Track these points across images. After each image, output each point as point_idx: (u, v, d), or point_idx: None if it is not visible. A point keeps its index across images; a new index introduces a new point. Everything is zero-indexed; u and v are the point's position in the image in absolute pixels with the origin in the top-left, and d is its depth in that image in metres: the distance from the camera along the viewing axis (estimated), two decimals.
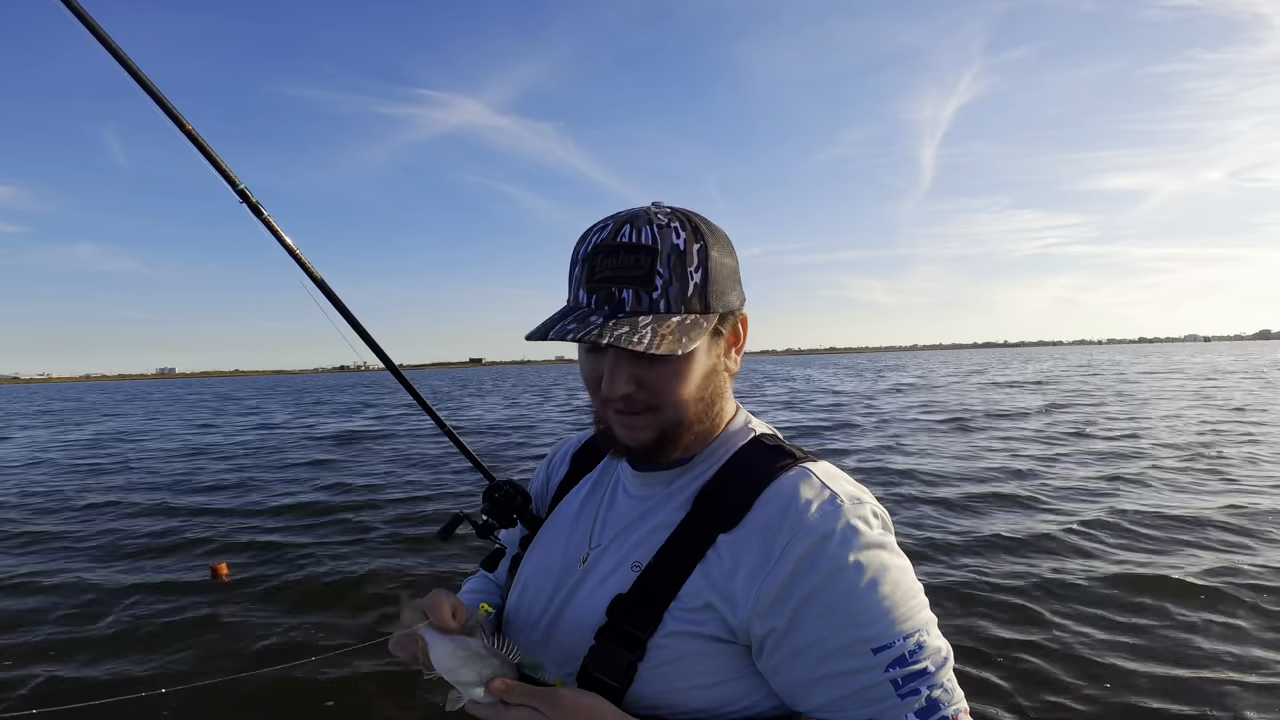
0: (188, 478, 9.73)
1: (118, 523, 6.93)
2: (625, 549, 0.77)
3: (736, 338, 0.79)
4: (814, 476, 0.72)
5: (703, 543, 0.71)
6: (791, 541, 0.67)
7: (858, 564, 0.66)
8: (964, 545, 5.07)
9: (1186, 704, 2.89)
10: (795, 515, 0.68)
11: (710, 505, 0.73)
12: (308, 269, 1.18)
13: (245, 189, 1.08)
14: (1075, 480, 7.30)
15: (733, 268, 0.76)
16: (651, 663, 0.70)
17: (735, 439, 0.80)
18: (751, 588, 0.67)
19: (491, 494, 0.96)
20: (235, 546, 5.87)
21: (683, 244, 0.70)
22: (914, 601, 0.68)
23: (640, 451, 0.76)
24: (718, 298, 0.72)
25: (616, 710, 0.68)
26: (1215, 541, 5.00)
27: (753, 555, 0.68)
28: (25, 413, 30.12)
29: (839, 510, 0.68)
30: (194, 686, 3.24)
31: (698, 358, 0.73)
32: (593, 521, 0.85)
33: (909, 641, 0.65)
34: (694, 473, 0.78)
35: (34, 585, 4.93)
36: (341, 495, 8.10)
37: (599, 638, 0.72)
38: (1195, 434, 10.44)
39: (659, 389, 0.72)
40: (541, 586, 0.84)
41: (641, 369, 0.71)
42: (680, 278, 0.69)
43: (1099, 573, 4.39)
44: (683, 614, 0.70)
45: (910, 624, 0.66)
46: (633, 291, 0.69)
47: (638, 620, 0.71)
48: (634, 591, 0.72)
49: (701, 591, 0.69)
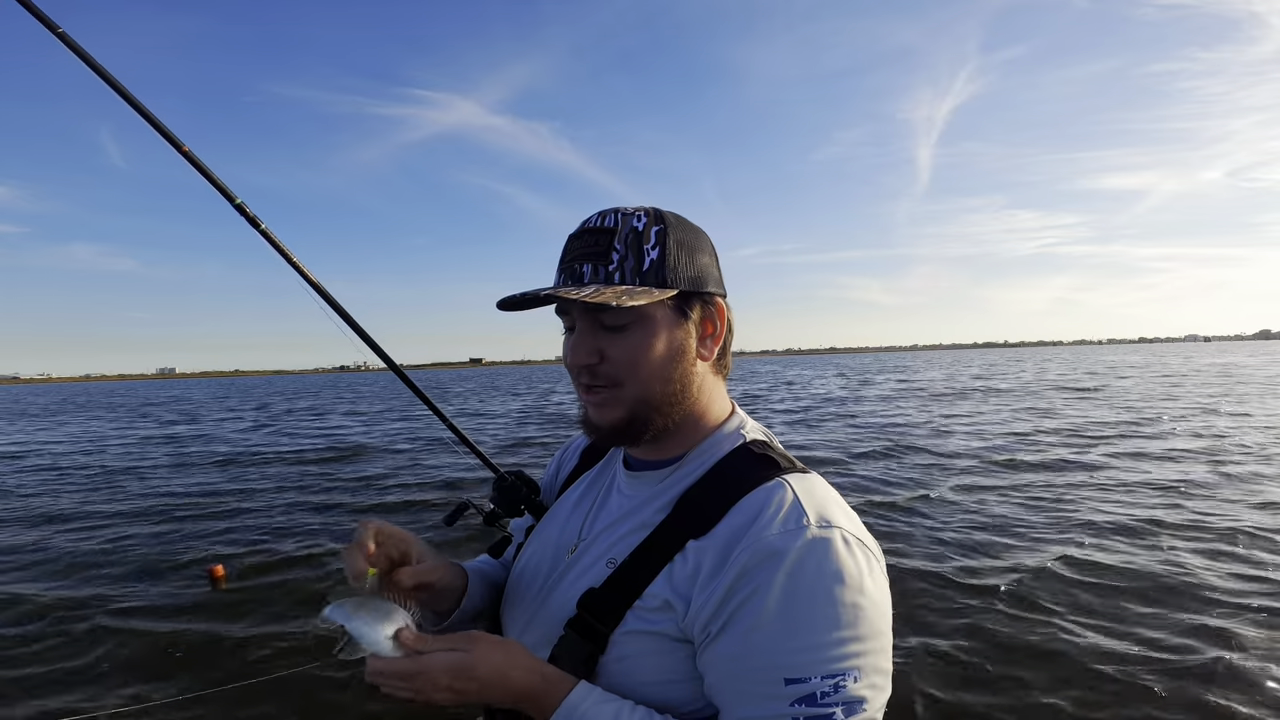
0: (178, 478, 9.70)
1: (121, 527, 6.88)
2: (607, 544, 0.79)
3: (712, 326, 0.79)
4: (789, 491, 0.71)
5: (673, 546, 0.72)
6: (742, 553, 0.67)
7: (797, 588, 0.64)
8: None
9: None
10: (757, 529, 0.68)
11: (688, 510, 0.74)
12: (307, 277, 1.22)
13: (242, 203, 1.13)
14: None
15: (698, 253, 0.78)
16: (611, 656, 0.72)
17: (724, 443, 0.80)
18: (702, 593, 0.68)
19: (499, 484, 0.99)
20: (233, 547, 5.80)
21: (641, 226, 0.74)
22: (853, 641, 0.64)
23: (610, 432, 0.77)
24: (676, 274, 0.74)
25: (529, 652, 0.71)
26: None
27: (711, 562, 0.69)
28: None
29: (800, 531, 0.66)
30: (194, 694, 3.20)
31: (656, 333, 0.74)
32: (586, 515, 0.87)
33: (826, 681, 0.62)
34: (680, 474, 0.79)
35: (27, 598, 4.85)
36: (343, 494, 8.11)
37: (567, 628, 0.75)
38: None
39: (618, 360, 0.74)
40: (535, 573, 0.87)
41: (603, 340, 0.74)
42: (636, 254, 0.73)
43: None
44: (643, 612, 0.71)
45: (836, 664, 0.63)
46: (591, 265, 0.74)
47: (602, 615, 0.73)
48: (604, 587, 0.74)
49: (661, 592, 0.71)
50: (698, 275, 0.77)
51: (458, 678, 0.65)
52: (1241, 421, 11.54)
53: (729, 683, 0.67)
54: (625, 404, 0.75)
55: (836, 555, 0.66)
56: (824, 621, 0.64)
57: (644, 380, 0.74)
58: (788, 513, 0.68)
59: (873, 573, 0.68)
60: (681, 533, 0.72)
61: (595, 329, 0.74)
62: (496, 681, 0.67)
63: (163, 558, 5.60)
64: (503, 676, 0.67)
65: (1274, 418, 11.94)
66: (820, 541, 0.66)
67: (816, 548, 0.66)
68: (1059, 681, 3.08)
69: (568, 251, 0.76)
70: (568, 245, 0.77)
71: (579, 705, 0.67)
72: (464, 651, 0.66)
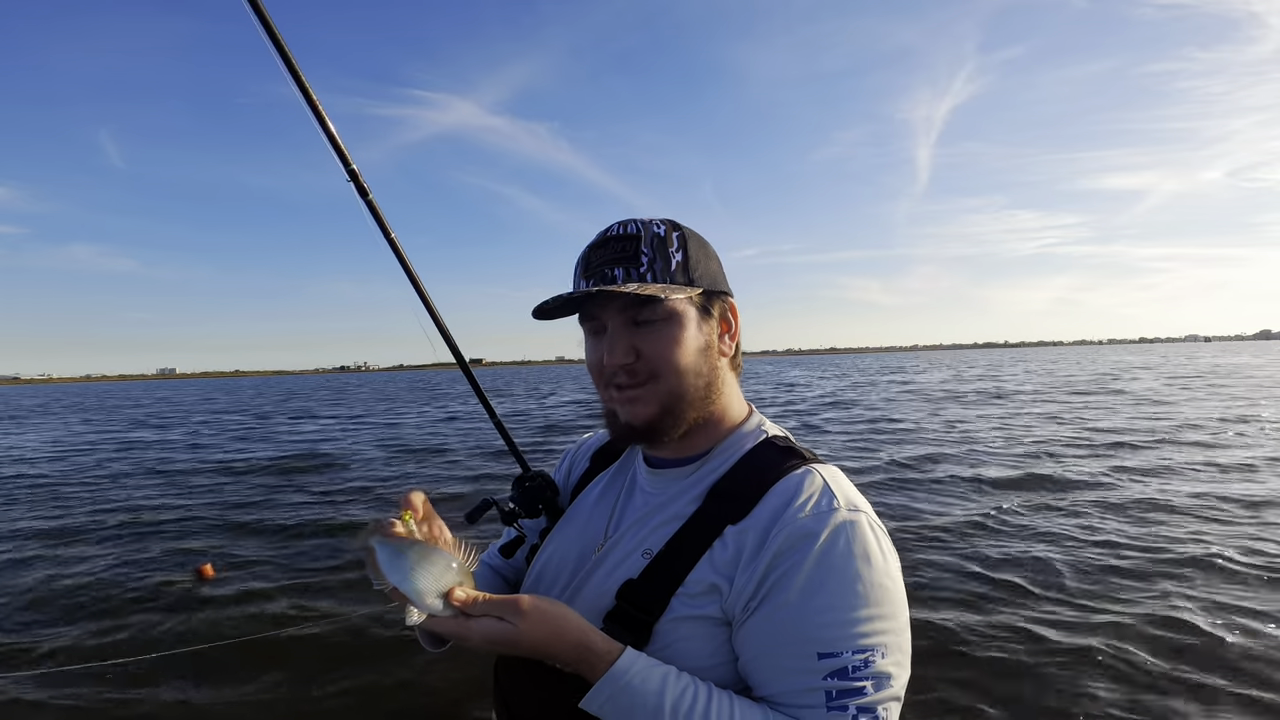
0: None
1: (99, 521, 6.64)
2: (639, 538, 0.80)
3: (728, 325, 0.83)
4: (819, 477, 0.75)
5: (711, 533, 0.74)
6: (779, 534, 0.70)
7: (831, 567, 0.68)
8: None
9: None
10: (792, 511, 0.71)
11: (721, 500, 0.76)
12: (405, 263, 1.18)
13: (356, 170, 1.08)
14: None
15: (713, 257, 0.83)
16: (655, 646, 0.72)
17: (747, 440, 0.83)
18: (743, 574, 0.71)
19: (522, 482, 0.98)
20: (227, 547, 5.66)
21: (663, 232, 0.78)
22: (880, 619, 0.67)
23: (643, 429, 0.79)
24: (700, 275, 0.79)
25: (579, 617, 0.70)
26: None
27: (751, 544, 0.71)
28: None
29: (833, 513, 0.70)
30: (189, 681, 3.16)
31: (687, 328, 0.77)
32: (609, 513, 0.88)
33: (856, 656, 0.65)
34: (706, 469, 0.81)
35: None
36: (340, 492, 7.95)
37: (607, 621, 0.75)
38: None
39: (654, 354, 0.76)
40: (558, 573, 0.86)
41: (638, 337, 0.77)
42: (663, 256, 0.77)
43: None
44: (688, 598, 0.72)
45: (865, 639, 0.66)
46: (623, 269, 0.77)
47: (645, 604, 0.73)
48: (643, 577, 0.75)
49: (706, 576, 0.72)
50: (715, 277, 0.81)
51: (500, 647, 0.66)
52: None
53: (763, 658, 0.69)
54: (659, 399, 0.77)
55: (865, 537, 0.70)
56: (854, 599, 0.67)
57: (679, 373, 0.77)
58: (820, 496, 0.72)
59: (894, 556, 0.72)
60: (718, 520, 0.75)
61: (628, 327, 0.77)
62: (540, 653, 0.67)
63: (150, 552, 5.38)
64: (547, 650, 0.67)
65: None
66: (850, 524, 0.70)
67: (847, 530, 0.69)
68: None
69: (591, 260, 0.79)
70: (590, 255, 0.79)
71: (627, 670, 0.67)
72: (509, 624, 0.65)
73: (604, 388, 0.81)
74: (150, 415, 23.12)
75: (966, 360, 76.48)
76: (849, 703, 0.65)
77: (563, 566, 0.87)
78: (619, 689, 0.66)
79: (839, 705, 0.65)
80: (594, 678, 0.67)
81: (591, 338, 0.81)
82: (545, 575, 0.88)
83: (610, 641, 0.69)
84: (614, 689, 0.66)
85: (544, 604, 0.68)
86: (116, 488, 8.66)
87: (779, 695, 0.68)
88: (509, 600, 0.67)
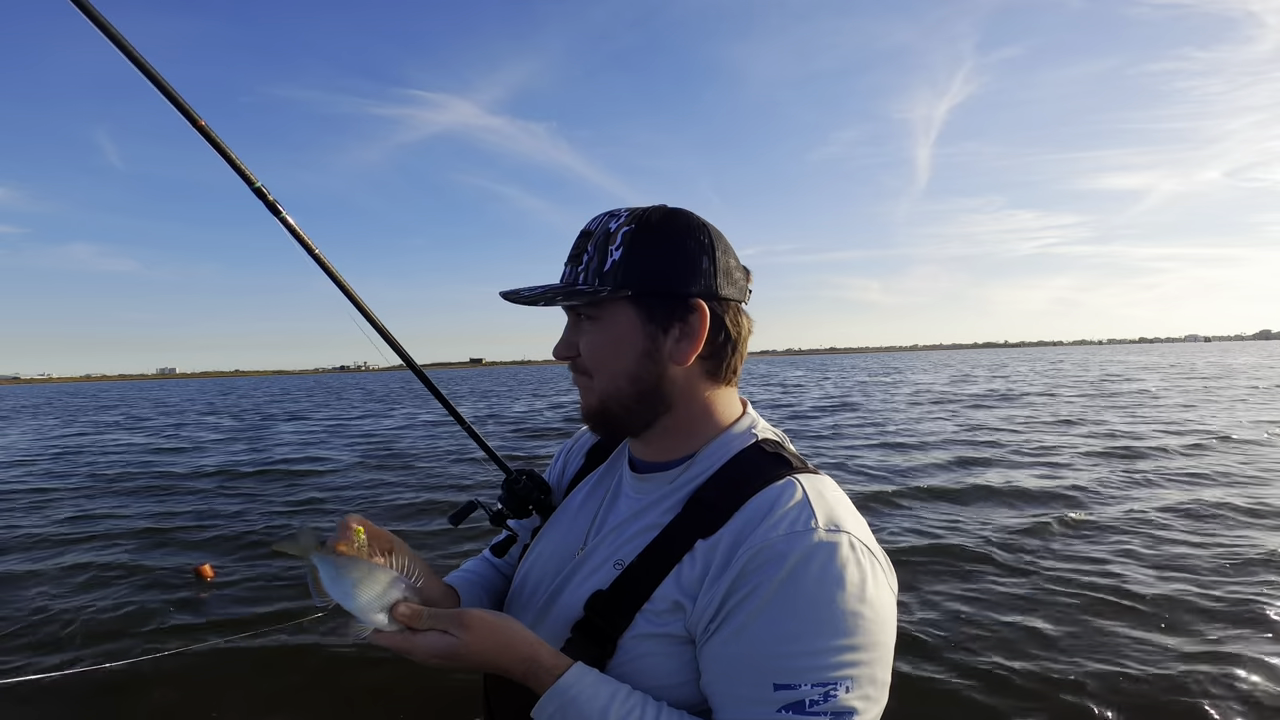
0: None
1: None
2: (614, 546, 0.78)
3: (688, 328, 0.75)
4: (799, 491, 0.70)
5: (682, 547, 0.71)
6: (745, 552, 0.66)
7: (797, 592, 0.63)
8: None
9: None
10: (764, 529, 0.67)
11: (698, 510, 0.73)
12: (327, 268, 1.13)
13: (262, 187, 1.03)
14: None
15: (677, 256, 0.75)
16: (620, 660, 0.71)
17: (735, 443, 0.79)
18: (706, 593, 0.68)
19: (511, 484, 0.97)
20: (222, 546, 5.67)
21: (615, 227, 0.76)
22: (849, 650, 0.62)
23: (589, 418, 0.81)
24: (642, 275, 0.74)
25: (527, 631, 0.70)
26: None
27: (717, 561, 0.68)
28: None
29: (808, 534, 0.65)
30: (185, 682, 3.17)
31: (618, 329, 0.76)
32: (593, 516, 0.86)
33: (816, 690, 0.61)
34: (690, 475, 0.78)
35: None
36: (333, 491, 7.97)
37: (574, 631, 0.74)
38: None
39: (586, 353, 0.78)
40: (542, 574, 0.86)
41: (580, 334, 0.79)
42: (601, 255, 0.75)
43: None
44: (653, 615, 0.70)
45: (829, 671, 0.62)
46: (570, 268, 0.78)
47: (611, 618, 0.72)
48: (612, 589, 0.74)
49: (671, 593, 0.70)
50: (667, 276, 0.74)
51: (446, 660, 0.66)
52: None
53: (719, 683, 0.66)
54: (598, 394, 0.78)
55: (841, 561, 0.64)
56: (820, 628, 0.62)
57: (609, 375, 0.77)
58: (796, 513, 0.67)
59: (877, 581, 0.66)
60: (690, 532, 0.72)
61: (578, 323, 0.80)
62: (488, 666, 0.67)
63: (148, 551, 5.33)
64: (494, 663, 0.67)
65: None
66: (826, 545, 0.65)
67: (820, 552, 0.64)
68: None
69: (571, 250, 0.81)
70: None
71: (572, 686, 0.66)
72: (453, 637, 0.65)
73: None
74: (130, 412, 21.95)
75: (971, 360, 73.16)
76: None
77: (545, 570, 0.86)
78: (565, 701, 0.66)
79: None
80: (540, 691, 0.67)
81: None
82: (530, 577, 0.88)
83: (559, 656, 0.69)
84: (560, 702, 0.66)
85: (490, 617, 0.68)
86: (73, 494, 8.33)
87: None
88: (454, 614, 0.67)
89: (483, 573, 1.04)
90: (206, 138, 1.00)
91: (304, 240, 1.11)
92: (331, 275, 1.14)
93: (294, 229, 1.09)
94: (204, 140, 1.00)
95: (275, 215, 1.07)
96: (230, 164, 1.02)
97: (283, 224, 1.08)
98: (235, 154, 1.01)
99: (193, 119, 0.97)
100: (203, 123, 0.97)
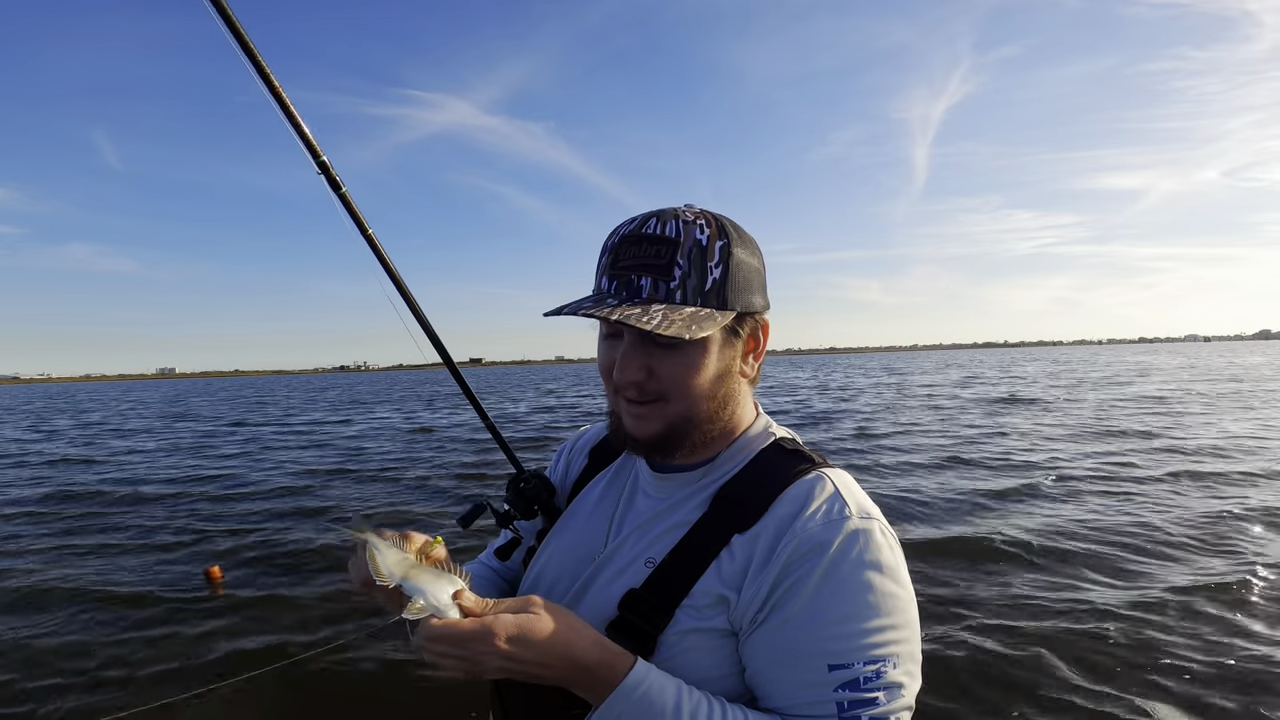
0: None
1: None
2: (641, 545, 0.77)
3: (756, 343, 0.78)
4: (829, 483, 0.73)
5: (718, 542, 0.72)
6: (789, 543, 0.68)
7: (842, 577, 0.66)
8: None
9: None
10: (802, 520, 0.69)
11: (727, 507, 0.74)
12: (382, 256, 1.12)
13: (326, 160, 1.02)
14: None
15: (757, 269, 0.75)
16: (661, 657, 0.70)
17: (755, 443, 0.80)
18: (751, 585, 0.69)
19: (517, 484, 0.95)
20: (231, 548, 5.56)
21: (705, 239, 0.70)
22: (891, 629, 0.66)
23: (646, 444, 0.76)
24: (736, 295, 0.72)
25: (589, 624, 0.67)
26: None
27: (760, 554, 0.69)
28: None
29: (844, 521, 0.68)
30: (195, 692, 3.11)
31: (709, 353, 0.72)
32: (610, 517, 0.85)
33: (868, 667, 0.65)
34: (713, 475, 0.78)
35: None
36: (342, 492, 7.86)
37: (609, 630, 0.72)
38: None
39: (668, 379, 0.72)
40: (557, 578, 0.84)
41: (654, 358, 0.72)
42: (699, 271, 0.70)
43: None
44: (694, 610, 0.70)
45: (877, 650, 0.65)
46: (651, 279, 0.69)
47: (649, 615, 0.71)
48: (646, 586, 0.73)
49: (713, 587, 0.70)
50: (753, 292, 0.74)
51: (519, 641, 0.61)
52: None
53: (773, 670, 0.67)
54: (667, 419, 0.74)
55: (876, 546, 0.68)
56: (866, 609, 0.65)
57: (692, 399, 0.73)
58: (831, 504, 0.70)
59: (903, 564, 0.70)
60: (725, 528, 0.72)
61: (646, 344, 0.72)
62: (559, 649, 0.62)
63: (159, 554, 5.17)
64: (566, 644, 0.63)
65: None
66: (862, 532, 0.68)
67: (858, 538, 0.67)
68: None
69: (621, 255, 0.72)
70: (621, 248, 0.72)
71: (641, 682, 0.64)
72: (529, 613, 0.63)
73: (613, 393, 0.77)
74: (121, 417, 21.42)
75: (975, 360, 72.14)
76: (861, 714, 0.64)
77: (561, 571, 0.84)
78: (635, 701, 0.63)
79: (851, 717, 0.64)
80: (606, 685, 0.64)
81: (606, 340, 0.77)
82: (543, 579, 0.86)
83: (623, 650, 0.67)
84: (629, 702, 0.63)
85: (553, 605, 0.67)
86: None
87: (789, 708, 0.67)
88: (519, 598, 0.66)
89: (484, 578, 1.02)
90: (280, 104, 0.99)
91: (360, 220, 1.09)
92: (383, 260, 1.12)
93: (353, 208, 1.07)
94: (276, 109, 0.99)
95: (334, 191, 1.06)
96: (299, 134, 1.01)
97: (342, 202, 1.07)
98: (307, 127, 1.00)
99: (269, 80, 0.96)
100: (279, 87, 0.97)
